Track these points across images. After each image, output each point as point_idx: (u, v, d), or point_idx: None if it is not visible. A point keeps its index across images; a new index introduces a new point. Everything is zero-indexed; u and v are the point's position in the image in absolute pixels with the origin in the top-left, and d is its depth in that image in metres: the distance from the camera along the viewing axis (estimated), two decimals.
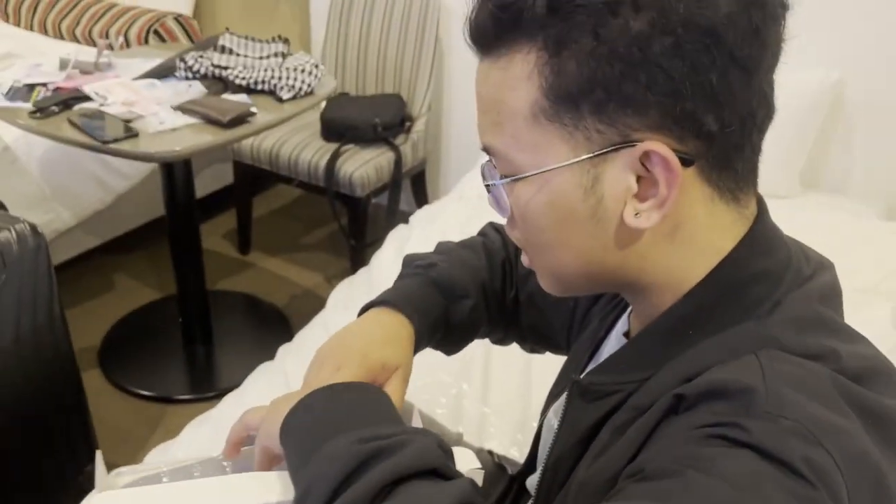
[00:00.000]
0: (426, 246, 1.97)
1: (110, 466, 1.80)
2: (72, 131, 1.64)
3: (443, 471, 0.53)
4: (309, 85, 1.89)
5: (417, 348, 0.80)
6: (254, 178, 2.57)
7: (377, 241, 2.13)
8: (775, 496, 0.45)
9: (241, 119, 1.71)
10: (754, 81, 0.54)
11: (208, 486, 0.64)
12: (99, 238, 2.44)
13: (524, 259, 0.66)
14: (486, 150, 0.61)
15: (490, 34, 0.57)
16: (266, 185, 3.06)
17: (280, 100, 1.85)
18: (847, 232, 1.78)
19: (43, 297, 1.45)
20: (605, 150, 0.54)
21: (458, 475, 0.54)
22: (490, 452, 1.06)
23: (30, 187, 2.07)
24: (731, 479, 0.46)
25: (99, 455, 0.71)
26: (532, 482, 0.81)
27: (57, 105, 1.71)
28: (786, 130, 1.91)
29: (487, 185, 0.62)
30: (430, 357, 0.93)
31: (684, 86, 0.52)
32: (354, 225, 2.46)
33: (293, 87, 1.86)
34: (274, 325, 2.36)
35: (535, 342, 0.96)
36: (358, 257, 2.46)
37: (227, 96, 1.83)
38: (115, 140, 1.60)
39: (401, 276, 0.87)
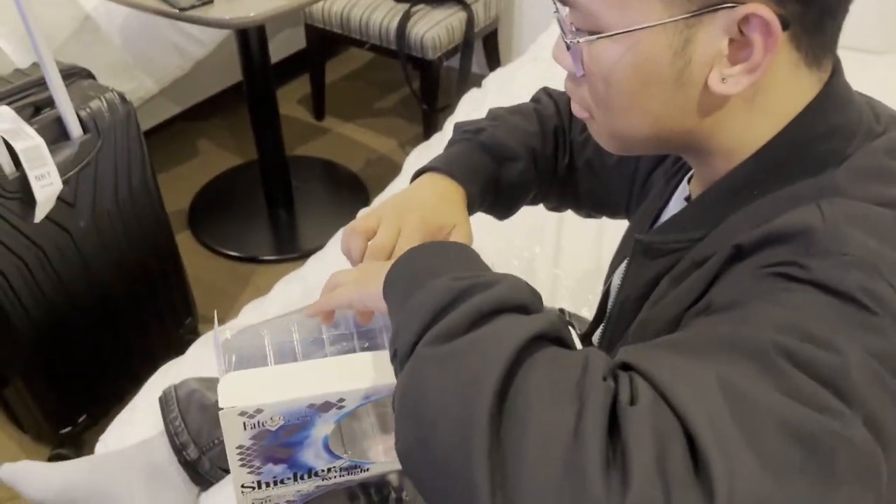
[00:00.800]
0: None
1: (207, 321, 1.95)
2: None
3: (531, 308, 0.53)
4: None
5: (470, 211, 0.84)
6: (326, 41, 2.56)
7: (449, 106, 2.12)
8: (837, 323, 0.47)
9: None
10: None
11: (332, 366, 0.68)
12: (180, 105, 2.50)
13: (575, 108, 0.65)
14: (563, 1, 0.58)
15: None
16: (338, 49, 3.04)
17: None
18: None
19: (136, 162, 1.53)
20: (703, 11, 0.52)
21: (548, 312, 0.55)
22: (562, 311, 1.11)
23: (113, 56, 2.13)
24: (792, 307, 0.48)
25: (216, 324, 0.76)
26: (597, 337, 0.86)
27: None
28: None
29: (567, 43, 0.59)
30: (502, 222, 0.96)
31: None
32: (426, 89, 2.45)
33: None
34: (351, 190, 2.43)
35: (593, 208, 0.97)
36: (430, 122, 2.46)
37: None
38: (192, 7, 1.62)
39: (450, 143, 0.90)
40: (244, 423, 0.63)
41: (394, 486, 0.80)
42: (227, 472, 1.05)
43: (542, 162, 0.91)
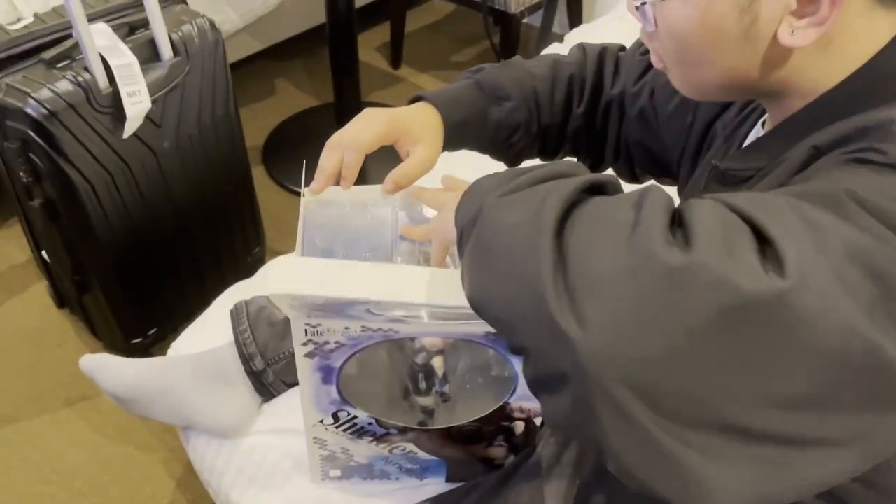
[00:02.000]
0: None
1: (274, 252, 2.00)
2: None
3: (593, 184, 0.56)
4: None
5: (452, 143, 0.87)
6: None
7: None
8: None
9: None
10: None
11: (403, 274, 0.70)
12: (262, 43, 2.55)
13: (653, 59, 0.67)
14: None
15: None
16: None
17: None
18: None
19: (221, 89, 1.57)
20: None
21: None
22: None
23: None
24: (873, 186, 0.48)
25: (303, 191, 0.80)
26: None
27: None
28: None
29: (641, 4, 0.61)
30: None
31: None
32: (506, 43, 2.43)
33: None
34: None
35: (641, 163, 0.96)
36: None
37: None
38: None
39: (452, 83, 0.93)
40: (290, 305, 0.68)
41: (439, 377, 0.83)
42: (289, 385, 1.10)
43: (544, 106, 0.92)
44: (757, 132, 0.73)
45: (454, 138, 0.88)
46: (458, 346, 0.80)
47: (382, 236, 0.83)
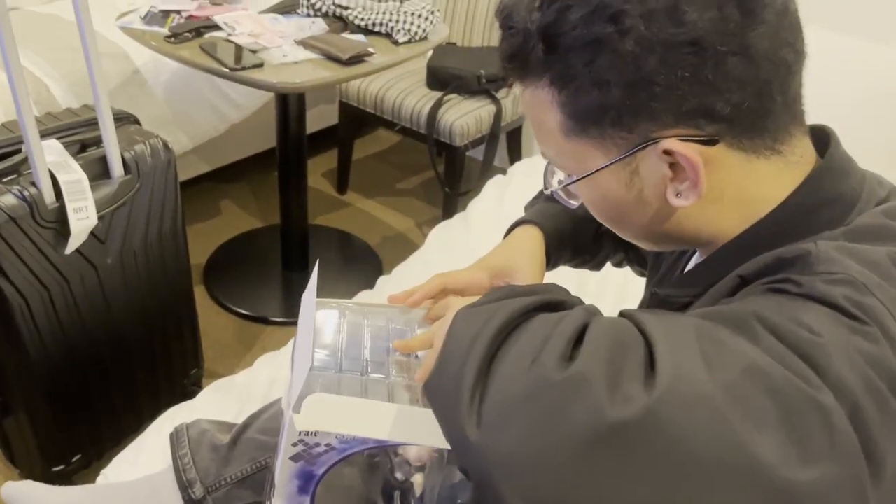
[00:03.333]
0: (524, 196, 2.01)
1: (212, 375, 1.94)
2: (203, 57, 1.75)
3: (564, 305, 0.61)
4: (424, 30, 1.94)
5: (555, 255, 0.95)
6: (357, 120, 2.65)
7: (470, 191, 2.18)
8: (824, 321, 0.50)
9: (359, 58, 1.78)
10: (758, 55, 0.56)
11: (418, 417, 0.70)
12: (210, 165, 2.57)
13: None
14: (544, 156, 0.68)
15: (511, 70, 0.64)
16: (368, 129, 3.15)
17: (396, 43, 1.91)
18: None
19: (170, 208, 1.57)
20: (630, 152, 0.60)
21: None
22: None
23: (155, 109, 2.20)
24: (784, 312, 0.52)
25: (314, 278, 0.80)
26: None
27: (190, 32, 1.82)
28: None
29: (551, 192, 0.72)
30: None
31: (683, 89, 0.56)
32: (450, 173, 2.52)
33: (409, 30, 1.92)
34: (366, 263, 2.46)
35: (636, 260, 1.02)
36: (451, 205, 2.52)
37: (346, 35, 1.90)
38: (242, 68, 1.70)
39: (528, 206, 1.02)
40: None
41: (416, 496, 0.80)
42: None
43: None
44: (696, 259, 0.77)
45: (553, 243, 0.95)
46: (439, 465, 0.78)
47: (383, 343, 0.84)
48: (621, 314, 0.58)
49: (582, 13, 0.56)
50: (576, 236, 0.97)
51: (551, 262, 0.95)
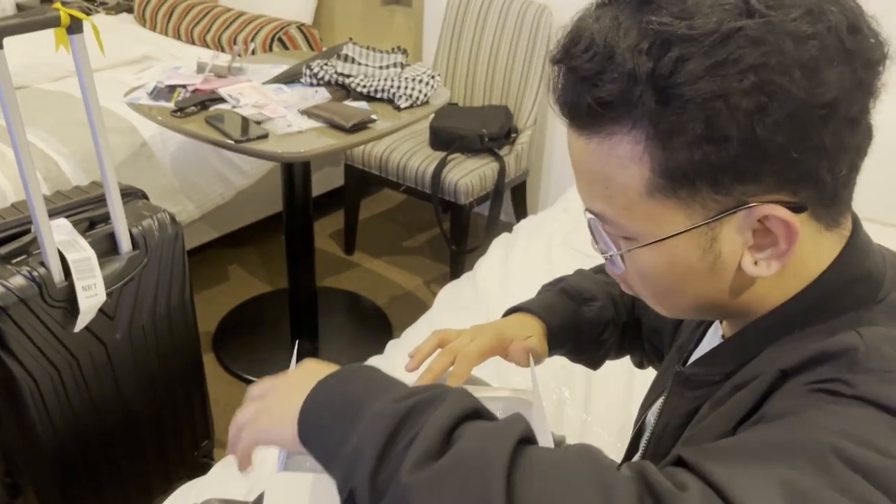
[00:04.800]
0: (530, 253, 2.02)
1: (223, 445, 1.93)
2: (208, 130, 1.78)
3: (484, 413, 0.54)
4: (425, 95, 1.97)
5: (552, 344, 0.91)
6: (363, 181, 2.68)
7: (477, 248, 2.18)
8: (888, 432, 0.48)
9: (362, 125, 1.80)
10: (861, 125, 0.56)
11: None
12: (217, 231, 2.59)
13: (624, 288, 0.69)
14: (594, 214, 0.62)
15: (589, 118, 0.56)
16: (373, 189, 3.17)
17: (398, 108, 1.94)
18: None
19: (178, 280, 1.58)
20: (722, 215, 0.56)
21: (496, 417, 0.55)
22: None
23: (162, 180, 2.23)
24: (844, 417, 0.49)
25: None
26: None
27: (195, 105, 1.85)
28: None
29: (607, 255, 0.64)
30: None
31: (799, 153, 0.53)
32: (456, 231, 2.53)
33: (410, 96, 1.95)
34: (375, 323, 2.45)
35: (649, 349, 1.00)
36: (458, 262, 2.52)
37: (349, 103, 1.93)
38: (248, 140, 1.72)
39: (536, 295, 0.99)
40: None
41: None
42: None
43: (620, 305, 0.98)
44: (717, 327, 0.76)
45: (553, 342, 0.91)
46: None
47: None
48: (682, 462, 0.49)
49: (708, 63, 0.50)
50: (578, 336, 0.94)
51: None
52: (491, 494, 0.45)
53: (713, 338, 0.76)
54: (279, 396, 0.64)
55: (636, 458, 0.82)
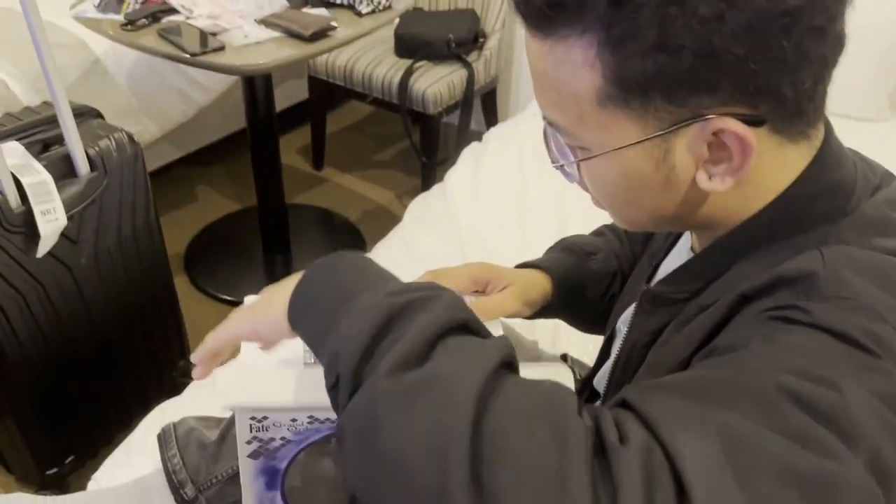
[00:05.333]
0: (500, 162, 1.99)
1: None
2: (161, 43, 1.70)
3: (471, 324, 0.53)
4: None
5: (558, 296, 0.90)
6: (328, 93, 2.61)
7: (448, 160, 2.16)
8: (838, 363, 0.47)
9: (322, 33, 1.74)
10: (829, 35, 0.53)
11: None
12: (181, 150, 2.53)
13: (593, 201, 0.68)
14: (549, 123, 0.61)
15: (542, 19, 0.54)
16: (340, 102, 3.10)
17: (359, 14, 1.87)
18: None
19: (141, 202, 1.54)
20: (675, 127, 0.54)
21: (486, 331, 0.55)
22: (564, 357, 1.12)
23: (120, 99, 2.16)
24: (794, 349, 0.48)
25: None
26: (599, 381, 0.87)
27: (146, 17, 1.76)
28: (875, 53, 1.84)
29: (557, 166, 0.63)
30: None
31: (758, 64, 0.50)
32: (426, 142, 2.49)
33: (372, 0, 1.87)
34: (348, 239, 2.44)
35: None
36: (429, 175, 2.50)
37: (308, 10, 1.86)
38: (203, 52, 1.65)
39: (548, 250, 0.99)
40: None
41: None
42: None
43: (623, 257, 0.97)
44: (686, 241, 0.75)
45: (557, 293, 0.90)
46: None
47: None
48: (625, 404, 0.48)
49: None
50: (583, 293, 0.93)
51: (549, 309, 0.91)
52: (455, 421, 0.44)
53: (683, 252, 0.75)
54: (266, 295, 0.64)
55: (608, 364, 0.82)
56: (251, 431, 0.72)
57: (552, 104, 0.58)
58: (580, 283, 0.93)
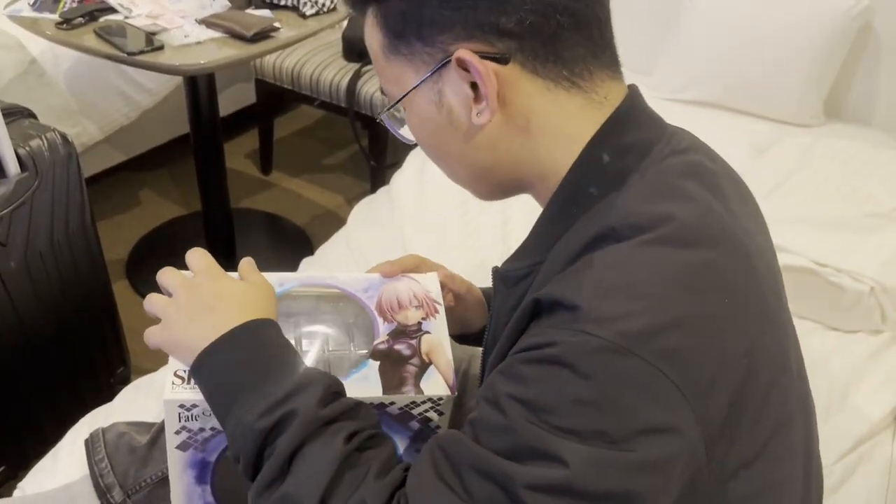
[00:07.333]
0: None
1: (141, 371, 1.89)
2: (98, 43, 1.66)
3: (333, 418, 0.63)
4: (332, 1, 1.88)
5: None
6: (276, 97, 2.59)
7: (397, 163, 2.15)
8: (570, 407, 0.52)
9: (264, 34, 1.72)
10: None
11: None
12: (125, 154, 2.48)
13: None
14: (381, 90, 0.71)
15: (351, 6, 0.68)
16: (288, 106, 3.07)
17: (303, 15, 1.85)
18: (865, 159, 1.78)
19: (75, 205, 1.50)
20: (435, 69, 0.62)
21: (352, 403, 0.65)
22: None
23: (58, 100, 2.10)
24: (540, 386, 0.54)
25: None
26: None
27: (83, 16, 1.73)
28: (809, 57, 1.89)
29: (378, 119, 0.73)
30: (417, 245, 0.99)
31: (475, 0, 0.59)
32: (375, 146, 2.48)
33: (316, 2, 1.86)
34: (295, 243, 2.41)
35: None
36: (378, 178, 2.49)
37: (251, 11, 1.84)
38: (141, 52, 1.62)
39: None
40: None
41: None
42: None
43: None
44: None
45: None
46: None
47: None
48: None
49: None
50: None
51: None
52: None
53: None
54: (182, 321, 0.76)
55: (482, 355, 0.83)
56: (179, 420, 0.70)
57: (376, 71, 0.68)
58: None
